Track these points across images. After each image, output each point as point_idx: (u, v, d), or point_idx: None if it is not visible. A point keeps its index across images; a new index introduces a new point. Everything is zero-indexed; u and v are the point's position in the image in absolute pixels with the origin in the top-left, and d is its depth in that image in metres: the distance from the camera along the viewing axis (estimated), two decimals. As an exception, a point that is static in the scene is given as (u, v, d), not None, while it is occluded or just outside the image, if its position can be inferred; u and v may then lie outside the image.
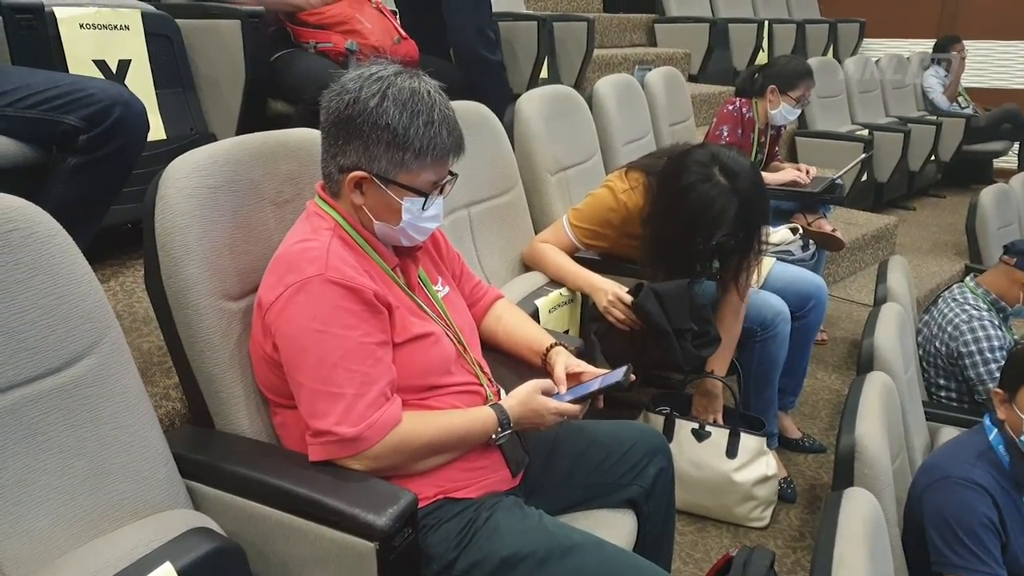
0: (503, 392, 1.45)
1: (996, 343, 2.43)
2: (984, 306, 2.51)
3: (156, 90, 1.99)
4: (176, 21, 2.05)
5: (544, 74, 3.39)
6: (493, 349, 1.59)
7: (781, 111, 3.04)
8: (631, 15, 5.46)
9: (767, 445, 2.09)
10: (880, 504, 1.42)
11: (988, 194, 3.63)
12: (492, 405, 1.35)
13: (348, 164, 1.25)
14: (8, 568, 1.01)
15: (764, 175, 2.84)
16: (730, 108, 3.07)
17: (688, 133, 3.49)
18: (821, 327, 2.93)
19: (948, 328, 2.51)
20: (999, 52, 6.50)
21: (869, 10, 6.71)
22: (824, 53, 5.92)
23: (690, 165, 1.91)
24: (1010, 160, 6.13)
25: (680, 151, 2.02)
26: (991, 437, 1.75)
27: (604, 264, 2.14)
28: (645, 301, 1.88)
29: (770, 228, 2.41)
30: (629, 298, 1.92)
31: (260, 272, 1.28)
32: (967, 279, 2.64)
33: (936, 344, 2.56)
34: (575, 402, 1.38)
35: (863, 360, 2.08)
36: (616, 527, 1.47)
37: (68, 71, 1.77)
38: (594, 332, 2.01)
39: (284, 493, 1.18)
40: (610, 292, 1.96)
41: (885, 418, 1.70)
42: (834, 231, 3.08)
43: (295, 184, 1.44)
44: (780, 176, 3.06)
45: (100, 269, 1.91)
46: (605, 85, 2.92)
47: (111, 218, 1.73)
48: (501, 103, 2.49)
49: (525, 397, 1.35)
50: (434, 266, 1.48)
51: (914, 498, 1.76)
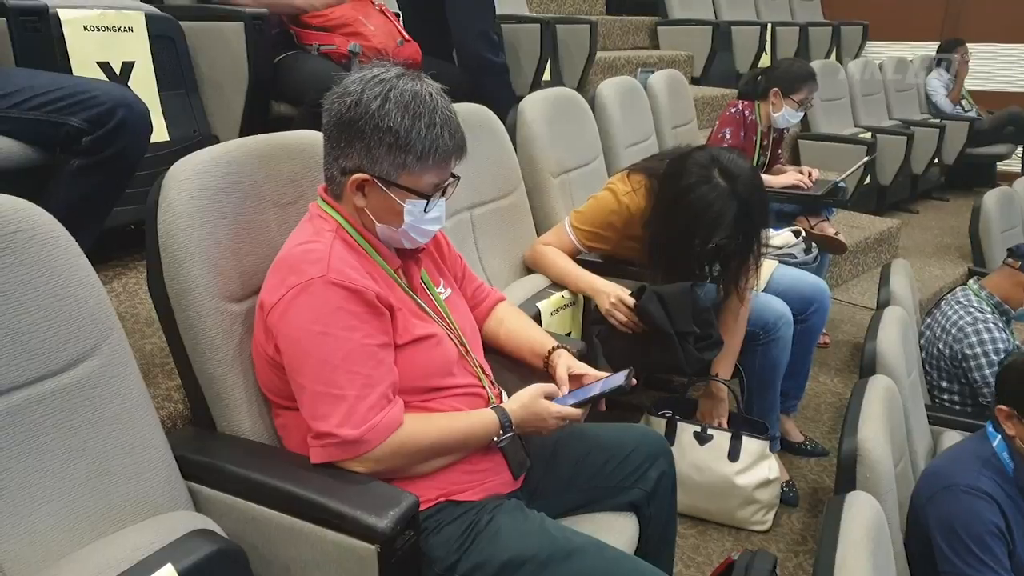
0: (505, 394, 1.45)
1: (1001, 345, 2.42)
2: (988, 309, 2.51)
3: (159, 92, 1.99)
4: (180, 23, 2.05)
5: (547, 76, 3.39)
6: (495, 351, 1.59)
7: (784, 114, 3.04)
8: (634, 17, 5.46)
9: (769, 448, 2.09)
10: (883, 508, 1.42)
11: (991, 197, 3.62)
12: (494, 408, 1.34)
13: (350, 166, 1.25)
14: (9, 569, 1.01)
15: (766, 178, 2.85)
16: (733, 111, 3.08)
17: (691, 136, 3.49)
18: (823, 330, 2.92)
19: (952, 330, 2.51)
20: (1003, 55, 6.49)
21: (872, 13, 6.70)
22: (827, 56, 5.92)
23: (690, 167, 1.92)
24: (1013, 163, 6.11)
25: (681, 153, 2.02)
26: (995, 444, 1.74)
27: (606, 266, 2.14)
28: (648, 304, 1.87)
29: (772, 231, 2.42)
30: (631, 300, 1.92)
31: (262, 274, 1.28)
32: (971, 282, 2.63)
33: (939, 346, 2.56)
34: (577, 406, 1.38)
35: (866, 363, 2.08)
36: (618, 530, 1.46)
37: (72, 73, 1.77)
38: (596, 335, 2.00)
39: (285, 495, 1.18)
40: (612, 294, 1.95)
41: (888, 422, 1.70)
42: (837, 234, 3.07)
43: (297, 186, 1.44)
44: (782, 179, 3.05)
45: (103, 270, 1.91)
46: (608, 87, 2.92)
47: (114, 219, 1.74)
48: (504, 105, 2.49)
49: (527, 400, 1.35)
50: (436, 268, 1.48)
51: (918, 505, 1.76)
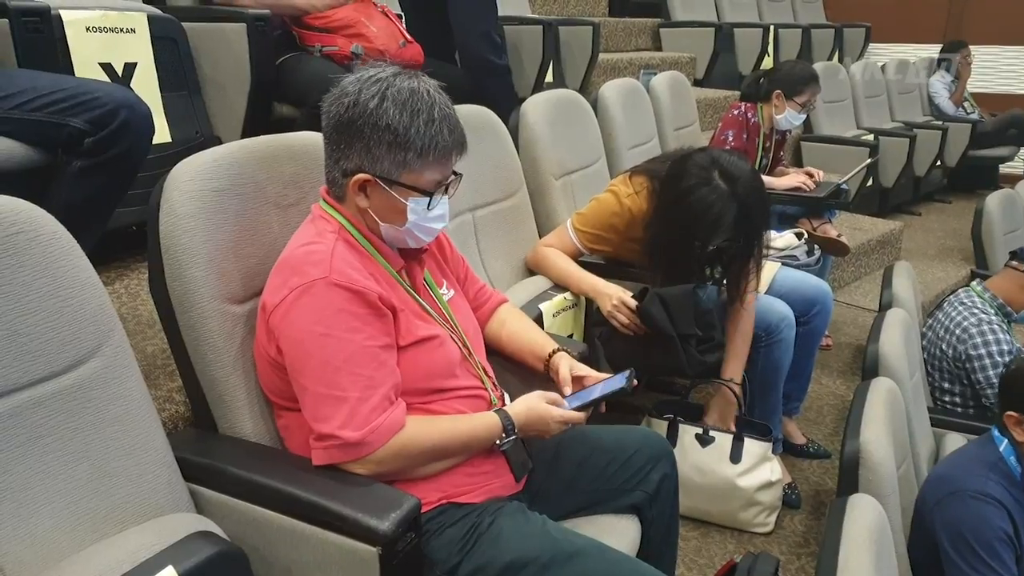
0: (507, 397, 1.45)
1: (1005, 347, 2.42)
2: (991, 310, 2.50)
3: (162, 93, 1.99)
4: (182, 24, 2.05)
5: (549, 78, 3.39)
6: (497, 353, 1.58)
7: (786, 116, 3.04)
8: (636, 19, 5.47)
9: (772, 451, 2.08)
10: (885, 511, 1.41)
11: (994, 199, 3.61)
12: (497, 411, 1.34)
13: (351, 167, 1.25)
14: (10, 571, 1.01)
15: (768, 180, 2.85)
16: (735, 113, 3.07)
17: (693, 137, 3.49)
18: (826, 332, 2.92)
19: (956, 331, 2.50)
20: (1005, 57, 6.48)
21: (875, 15, 6.70)
22: (830, 58, 5.91)
23: (690, 169, 1.91)
24: (1016, 165, 6.10)
25: (681, 155, 2.01)
26: (1001, 448, 1.74)
27: (608, 268, 2.13)
28: (650, 306, 1.87)
29: (774, 233, 2.41)
30: (634, 302, 1.92)
31: (264, 275, 1.28)
32: (973, 283, 2.63)
33: (942, 347, 2.55)
34: (579, 409, 1.38)
35: (868, 365, 2.07)
36: (620, 533, 1.46)
37: (74, 74, 1.77)
38: (598, 336, 2.00)
39: (287, 497, 1.18)
40: (614, 296, 1.95)
41: (890, 424, 1.69)
42: (839, 236, 3.07)
43: (299, 187, 1.44)
44: (784, 181, 3.05)
45: (104, 272, 1.92)
46: (610, 89, 2.92)
47: (116, 221, 1.74)
48: (506, 107, 2.48)
49: (530, 403, 1.35)
50: (439, 269, 1.48)
51: (924, 510, 1.75)
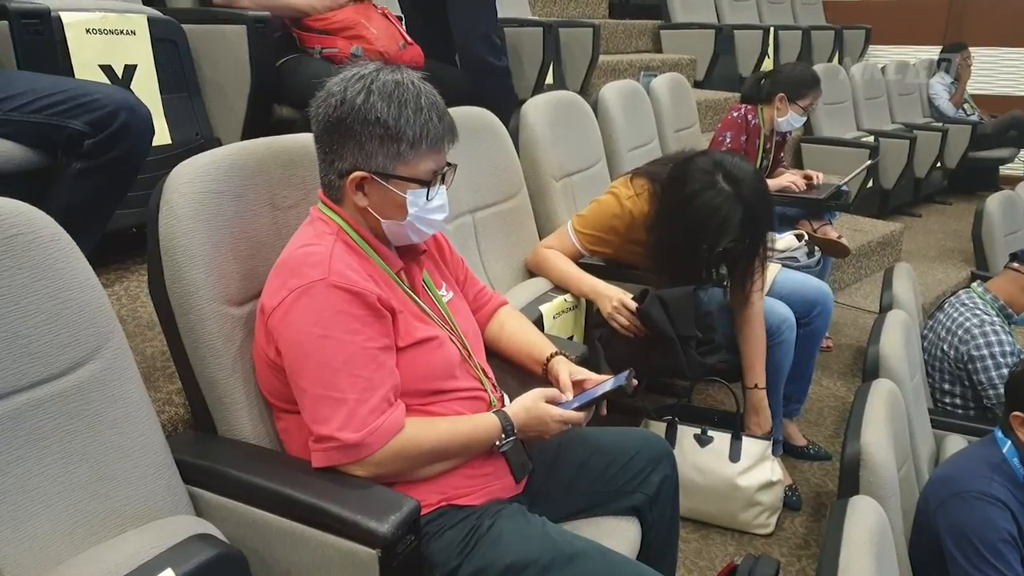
0: (507, 398, 1.44)
1: (1007, 348, 2.42)
2: (993, 311, 2.50)
3: (162, 95, 1.99)
4: (182, 26, 2.05)
5: (549, 80, 3.40)
6: (496, 355, 1.58)
7: (788, 119, 3.04)
8: (636, 21, 5.47)
9: (772, 452, 2.08)
10: (886, 512, 1.41)
11: (994, 201, 3.61)
12: (496, 412, 1.34)
13: (346, 167, 1.25)
14: (9, 573, 1.01)
15: (764, 181, 2.84)
16: (735, 115, 3.07)
17: (693, 139, 3.49)
18: (826, 334, 2.92)
19: (958, 332, 2.50)
20: (1005, 59, 6.49)
21: (875, 16, 6.71)
22: (830, 59, 5.91)
23: (694, 172, 1.91)
24: (1016, 167, 6.11)
25: (683, 158, 2.01)
26: (1004, 450, 1.73)
27: (608, 270, 2.13)
28: (650, 307, 1.87)
29: (775, 234, 2.41)
30: (634, 304, 1.91)
31: (263, 277, 1.28)
32: (974, 284, 2.63)
33: (944, 348, 2.55)
34: (579, 409, 1.37)
35: (868, 367, 2.07)
36: (620, 535, 1.46)
37: (74, 76, 1.77)
38: (598, 338, 2.00)
39: (286, 499, 1.18)
40: (615, 298, 1.95)
41: (891, 426, 1.69)
42: (839, 238, 3.07)
43: (299, 189, 1.44)
44: (774, 182, 3.04)
45: (104, 274, 1.92)
46: (610, 91, 2.92)
47: (115, 223, 1.73)
48: (506, 109, 2.49)
49: (529, 404, 1.35)
50: (438, 271, 1.48)
51: (927, 511, 1.74)
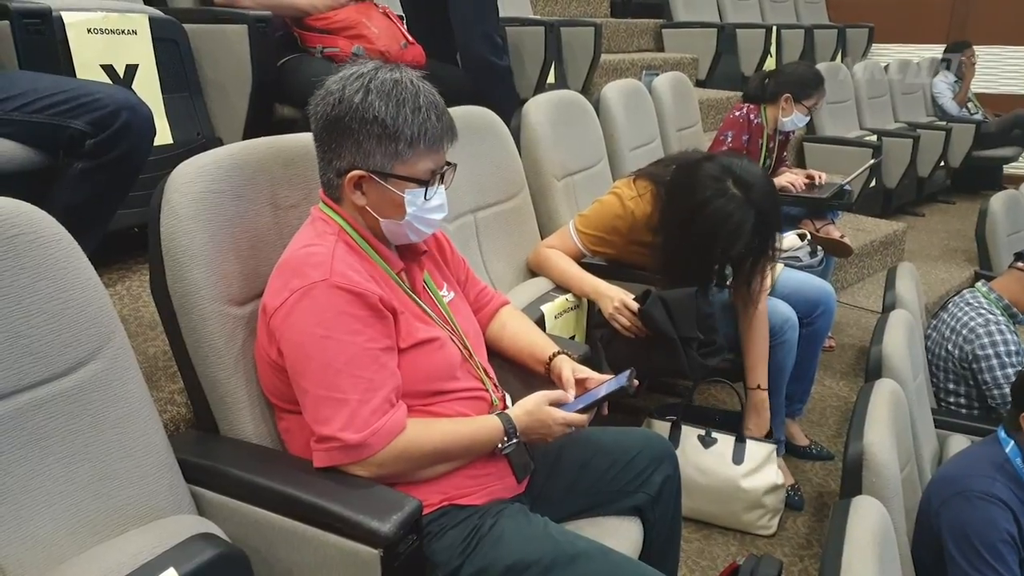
0: (508, 399, 1.44)
1: (1013, 347, 2.42)
2: (998, 311, 2.50)
3: (163, 95, 1.99)
4: (183, 26, 2.06)
5: (551, 79, 3.40)
6: (498, 355, 1.58)
7: (792, 118, 3.02)
8: (638, 20, 5.47)
9: (776, 453, 2.08)
10: (889, 513, 1.41)
11: (998, 200, 3.61)
12: (498, 414, 1.34)
13: (344, 166, 1.25)
14: (11, 573, 1.01)
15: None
16: (737, 114, 3.06)
17: (695, 138, 3.48)
18: (829, 334, 2.91)
19: (963, 331, 2.49)
20: (1009, 57, 6.47)
21: (878, 15, 6.69)
22: (832, 58, 5.90)
23: (703, 179, 1.89)
24: (1020, 166, 6.10)
25: (688, 164, 1.99)
26: (1007, 449, 1.73)
27: (610, 270, 2.13)
28: (651, 308, 1.86)
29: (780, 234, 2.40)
30: (635, 305, 1.91)
31: (265, 277, 1.28)
32: (979, 284, 2.62)
33: (948, 347, 2.54)
34: (581, 411, 1.37)
35: (871, 367, 2.07)
36: (622, 535, 1.46)
37: (75, 76, 1.78)
38: (599, 338, 2.00)
39: (288, 499, 1.18)
40: (616, 299, 1.95)
41: (893, 426, 1.69)
42: (842, 237, 3.06)
43: (300, 189, 1.44)
44: (775, 181, 3.03)
45: (106, 273, 1.92)
46: (612, 90, 2.91)
47: (117, 222, 1.74)
48: (508, 108, 2.48)
49: (532, 407, 1.34)
50: (439, 271, 1.48)
51: (930, 511, 1.74)
